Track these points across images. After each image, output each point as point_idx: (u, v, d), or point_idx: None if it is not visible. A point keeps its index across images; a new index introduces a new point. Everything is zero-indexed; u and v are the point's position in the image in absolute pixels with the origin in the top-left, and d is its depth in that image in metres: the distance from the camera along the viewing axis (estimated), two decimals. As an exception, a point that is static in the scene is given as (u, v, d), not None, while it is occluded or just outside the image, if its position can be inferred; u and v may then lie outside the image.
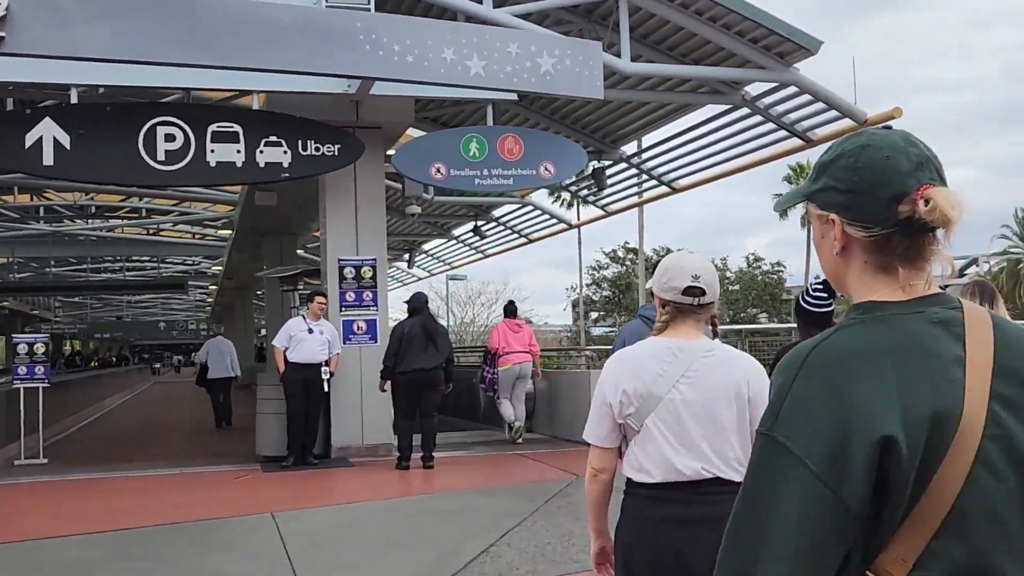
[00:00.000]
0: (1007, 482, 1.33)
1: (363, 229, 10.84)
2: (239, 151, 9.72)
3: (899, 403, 1.31)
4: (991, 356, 1.38)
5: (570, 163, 10.85)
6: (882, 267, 1.46)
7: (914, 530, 1.31)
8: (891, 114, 12.09)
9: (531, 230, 21.29)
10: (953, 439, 1.31)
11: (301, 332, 10.41)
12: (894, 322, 1.41)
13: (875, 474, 1.30)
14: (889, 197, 1.41)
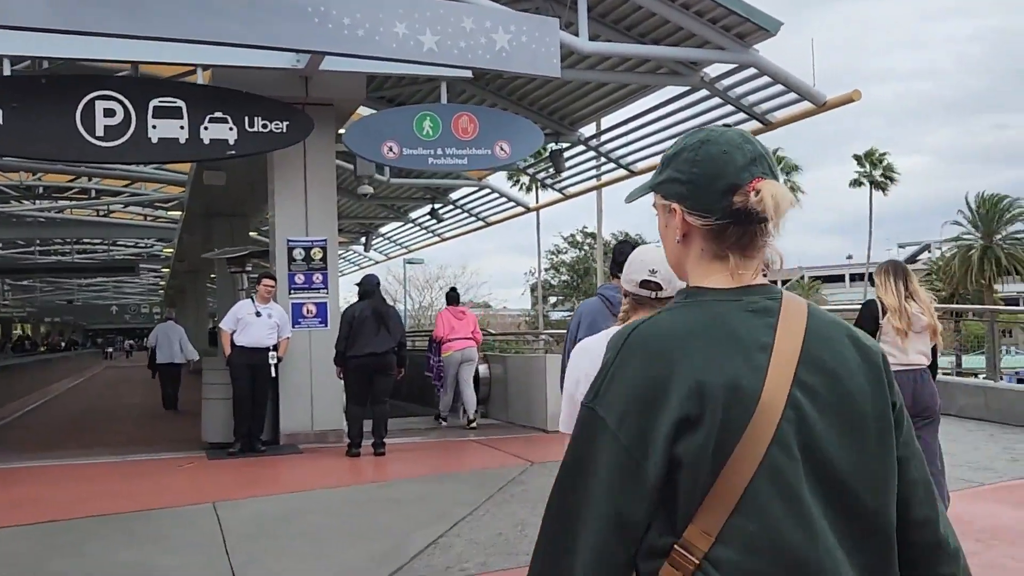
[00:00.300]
0: (799, 461, 1.42)
1: (313, 209, 10.52)
2: (182, 127, 9.35)
3: (700, 384, 1.40)
4: (799, 345, 1.47)
5: (526, 143, 10.60)
6: (717, 255, 1.55)
7: (715, 506, 1.40)
8: (850, 96, 11.99)
9: (489, 213, 21.06)
10: (751, 421, 1.40)
11: (249, 315, 10.10)
12: (711, 308, 1.50)
13: (676, 450, 1.39)
14: (724, 188, 1.51)
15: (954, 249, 53.13)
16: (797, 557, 1.40)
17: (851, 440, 1.48)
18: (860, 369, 1.52)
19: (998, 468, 8.10)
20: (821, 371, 1.48)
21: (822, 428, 1.46)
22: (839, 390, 1.49)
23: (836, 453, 1.46)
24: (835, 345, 1.52)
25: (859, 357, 1.54)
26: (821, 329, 1.52)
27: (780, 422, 1.42)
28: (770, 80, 12.00)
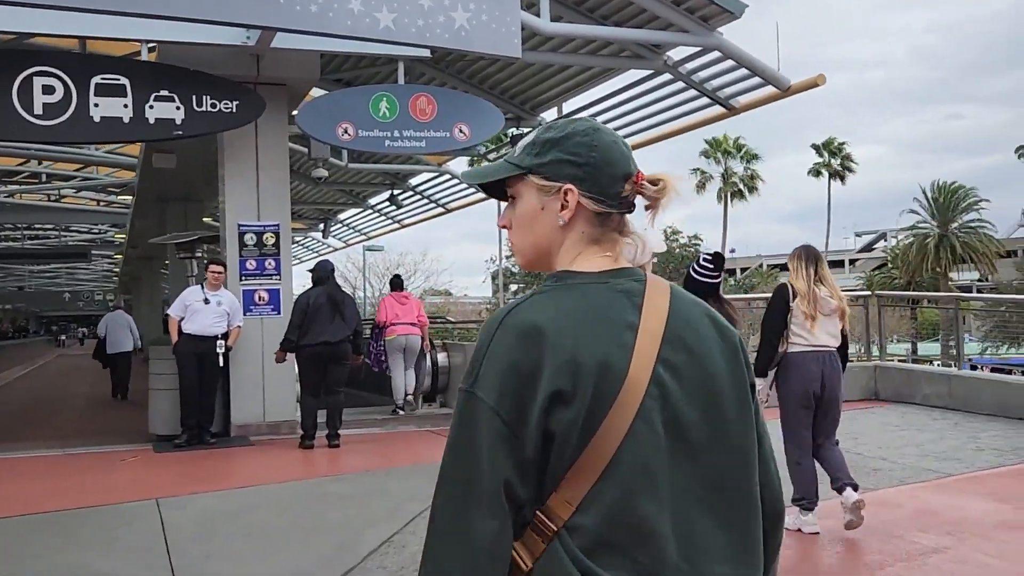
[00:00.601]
0: (660, 436, 1.50)
1: (265, 193, 10.14)
2: (126, 105, 8.95)
3: (572, 362, 1.46)
4: (663, 324, 1.54)
5: (487, 125, 10.30)
6: (594, 239, 1.62)
7: (580, 476, 1.46)
8: (814, 81, 11.83)
9: (449, 200, 20.76)
10: (618, 396, 1.46)
11: (197, 302, 9.73)
12: (582, 290, 1.56)
13: (549, 423, 1.45)
14: (620, 174, 1.59)
15: (911, 238, 53.60)
16: (650, 527, 1.48)
17: (713, 415, 1.56)
18: (719, 348, 1.60)
19: (964, 458, 7.98)
20: (684, 349, 1.55)
21: (684, 404, 1.53)
22: (700, 368, 1.56)
23: (698, 427, 1.54)
24: (696, 325, 1.60)
25: (718, 337, 1.62)
26: (683, 310, 1.60)
27: (644, 398, 1.49)
28: (734, 64, 11.80)
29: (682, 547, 1.50)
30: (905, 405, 11.07)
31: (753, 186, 56.96)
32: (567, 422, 1.46)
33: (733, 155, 56.89)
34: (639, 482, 1.48)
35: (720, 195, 57.63)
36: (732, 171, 57.16)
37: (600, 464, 1.46)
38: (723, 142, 56.56)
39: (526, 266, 1.71)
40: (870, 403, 11.37)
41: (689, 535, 1.51)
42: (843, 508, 5.64)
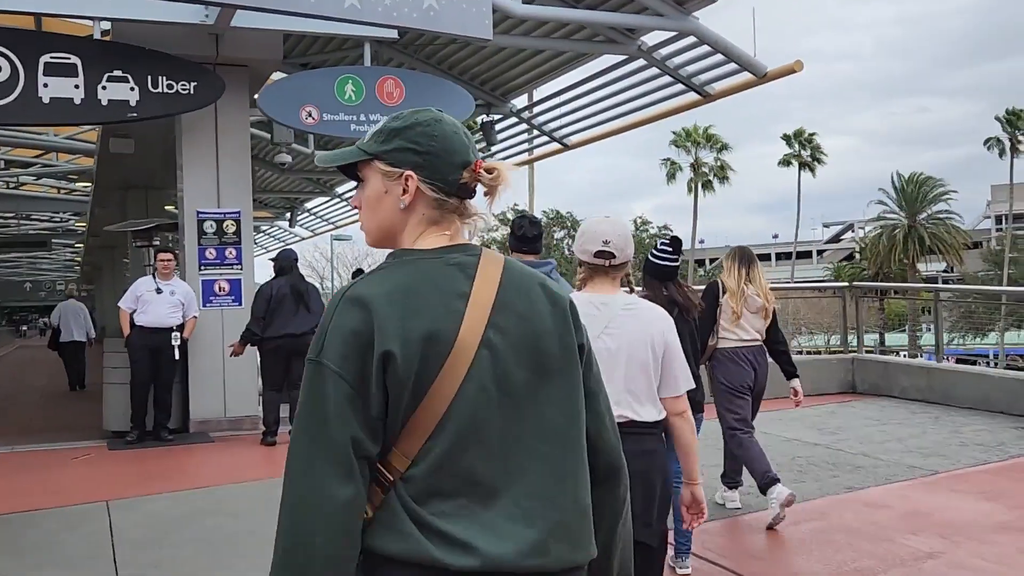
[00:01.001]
0: (490, 393, 1.68)
1: (225, 179, 9.72)
2: (77, 86, 8.51)
3: (403, 328, 1.63)
4: (494, 293, 1.72)
5: (456, 110, 9.88)
6: (434, 220, 1.78)
7: (414, 432, 1.64)
8: (791, 67, 11.56)
9: (417, 188, 20.35)
10: (446, 360, 1.64)
11: (149, 292, 9.32)
12: (417, 265, 1.73)
13: (386, 385, 1.63)
14: (459, 163, 1.76)
15: (878, 229, 53.83)
16: (477, 476, 1.65)
17: (540, 373, 1.72)
18: (548, 312, 1.77)
19: (949, 454, 7.74)
20: (514, 314, 1.72)
21: (513, 363, 1.70)
22: (529, 330, 1.73)
23: (527, 384, 1.71)
24: (527, 292, 1.77)
25: (548, 302, 1.78)
26: (515, 279, 1.77)
27: (474, 360, 1.66)
28: (710, 49, 11.51)
29: (513, 493, 1.67)
30: (884, 398, 10.85)
31: (724, 176, 56.86)
32: (398, 383, 1.62)
33: (703, 145, 56.75)
34: (468, 436, 1.64)
35: (690, 185, 57.51)
36: (702, 161, 57.03)
37: (432, 421, 1.63)
38: (693, 132, 56.40)
39: (373, 244, 1.83)
40: (847, 396, 11.15)
41: (521, 482, 1.68)
42: (774, 504, 5.65)
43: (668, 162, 57.42)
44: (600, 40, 12.15)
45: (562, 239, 53.63)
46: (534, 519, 1.67)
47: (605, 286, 3.26)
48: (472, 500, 1.64)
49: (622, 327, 3.17)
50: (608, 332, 3.15)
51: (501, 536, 1.63)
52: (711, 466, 6.26)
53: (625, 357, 3.14)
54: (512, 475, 1.67)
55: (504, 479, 1.67)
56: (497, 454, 1.67)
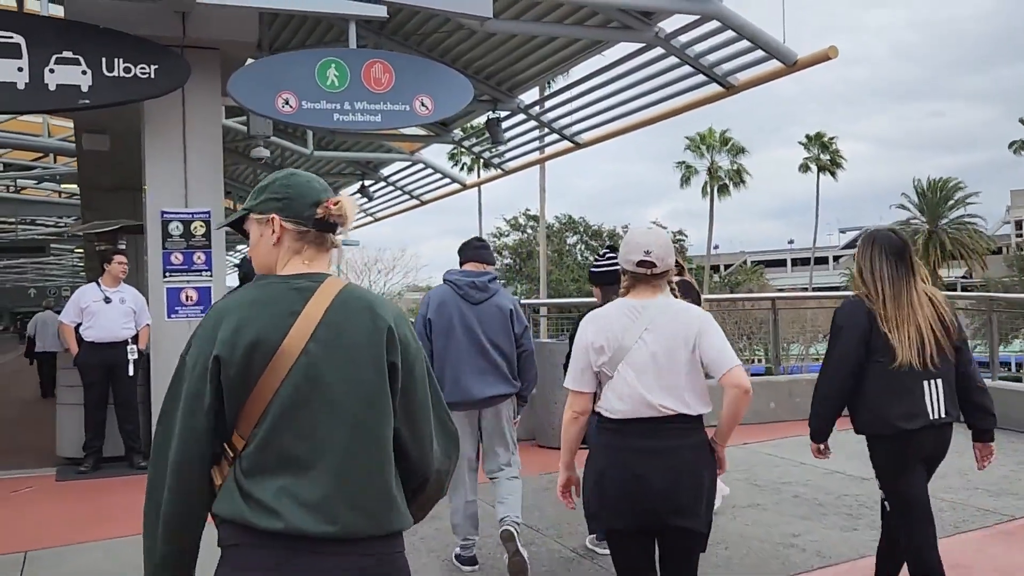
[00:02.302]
0: (303, 391, 2.15)
1: (194, 175, 8.66)
2: (21, 69, 7.50)
3: (233, 336, 2.14)
4: (322, 312, 2.21)
5: (453, 98, 8.84)
6: (296, 251, 2.32)
7: (246, 419, 2.14)
8: (826, 54, 10.48)
9: (423, 191, 19.42)
10: (270, 363, 2.14)
11: (95, 303, 8.35)
12: (265, 287, 2.27)
13: (220, 380, 2.14)
14: (311, 203, 2.32)
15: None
16: (292, 455, 2.13)
17: (351, 378, 2.20)
18: (367, 331, 2.24)
19: (1022, 492, 6.65)
20: (335, 330, 2.21)
21: (327, 368, 2.18)
22: (345, 344, 2.21)
23: (338, 386, 2.18)
24: (353, 314, 2.25)
25: (370, 323, 2.25)
26: (346, 302, 2.25)
27: (294, 365, 2.15)
28: (734, 36, 10.43)
29: (319, 472, 2.13)
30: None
31: (740, 180, 55.67)
32: (228, 380, 2.13)
33: (719, 149, 55.58)
34: (285, 424, 2.13)
35: (705, 190, 56.36)
36: (718, 165, 55.85)
37: (258, 410, 2.14)
38: (709, 136, 55.28)
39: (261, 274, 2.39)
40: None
41: (326, 464, 2.14)
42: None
43: (683, 166, 56.26)
44: (615, 26, 11.08)
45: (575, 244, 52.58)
46: (335, 494, 2.12)
47: (646, 293, 3.48)
48: (286, 475, 2.11)
49: (659, 328, 3.39)
50: (647, 333, 3.39)
51: (304, 506, 2.09)
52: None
53: (665, 355, 3.36)
54: (320, 458, 2.14)
55: (313, 459, 2.13)
56: (307, 439, 2.14)
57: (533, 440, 9.11)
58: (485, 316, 5.28)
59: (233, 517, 2.08)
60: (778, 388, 10.92)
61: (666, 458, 3.30)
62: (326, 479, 2.11)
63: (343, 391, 2.17)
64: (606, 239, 53.61)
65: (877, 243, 4.02)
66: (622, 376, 3.35)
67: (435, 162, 18.04)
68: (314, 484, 2.10)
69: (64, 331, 8.53)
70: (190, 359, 2.16)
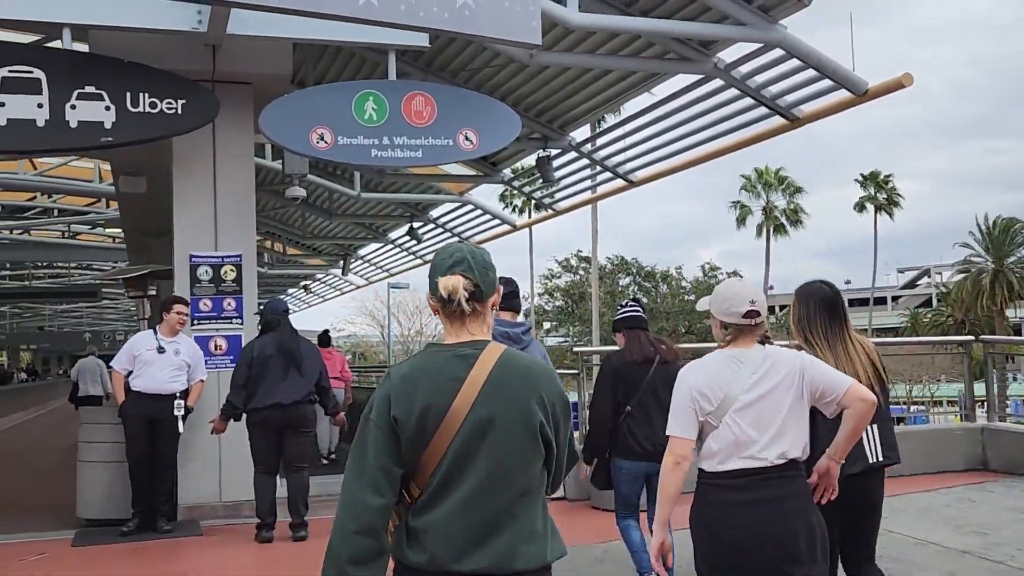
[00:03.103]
0: (472, 448, 2.47)
1: (225, 216, 8.18)
2: (40, 105, 7.08)
3: (409, 400, 2.49)
4: (485, 377, 2.51)
5: (499, 131, 8.25)
6: (448, 322, 2.64)
7: (422, 471, 2.48)
8: (899, 82, 9.72)
9: (472, 233, 18.90)
10: (441, 423, 2.47)
11: (148, 351, 7.78)
12: (434, 355, 2.60)
13: (400, 437, 2.49)
14: (433, 282, 2.62)
15: (962, 273, 51.15)
16: (448, 500, 2.46)
17: (510, 435, 2.50)
18: (522, 396, 2.53)
19: None
20: (496, 394, 2.50)
21: (490, 429, 2.48)
22: (505, 407, 2.51)
23: (499, 443, 2.48)
24: (512, 379, 2.54)
25: (525, 387, 2.55)
26: (507, 367, 2.55)
27: (462, 424, 2.47)
28: (799, 65, 9.76)
29: (473, 517, 2.46)
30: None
31: (797, 220, 54.50)
32: (405, 438, 2.48)
33: (774, 188, 54.54)
34: (452, 476, 2.47)
35: (759, 230, 55.27)
36: (774, 204, 54.78)
37: (432, 464, 2.47)
38: (764, 174, 54.32)
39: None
40: (978, 476, 9.14)
41: (481, 510, 2.46)
42: None
43: (738, 205, 55.26)
44: (671, 58, 10.47)
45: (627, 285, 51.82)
46: (477, 537, 2.45)
47: (747, 343, 3.51)
48: (439, 518, 2.46)
49: (766, 375, 3.42)
50: (756, 382, 3.40)
51: (450, 544, 2.44)
52: None
53: (772, 403, 3.38)
54: (472, 505, 2.46)
55: (466, 506, 2.46)
56: (467, 489, 2.47)
57: (587, 500, 8.39)
58: None
59: (397, 555, 2.49)
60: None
61: (778, 508, 3.30)
62: (479, 524, 2.45)
63: (502, 449, 2.49)
64: (659, 280, 52.91)
65: (811, 296, 4.20)
66: (729, 426, 3.35)
67: (485, 203, 17.54)
68: (461, 525, 2.44)
69: (113, 379, 8.04)
70: (374, 415, 2.52)
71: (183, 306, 7.94)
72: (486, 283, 2.59)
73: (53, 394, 40.50)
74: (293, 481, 7.31)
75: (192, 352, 7.86)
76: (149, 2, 7.15)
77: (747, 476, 3.30)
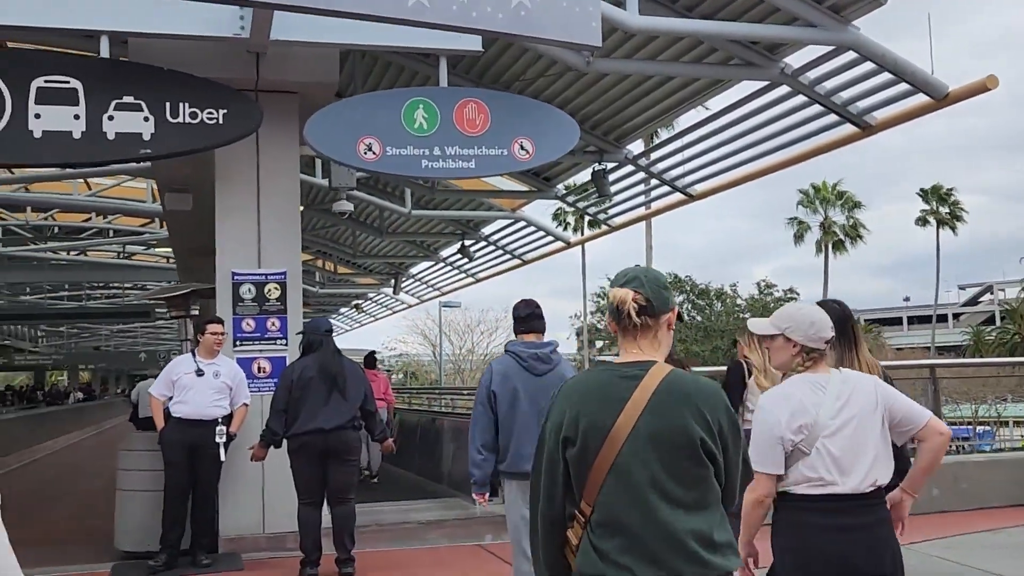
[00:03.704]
0: (635, 467, 2.57)
1: (268, 231, 7.80)
2: (77, 116, 6.72)
3: (575, 420, 2.63)
4: (648, 398, 2.61)
5: (557, 140, 7.76)
6: (622, 337, 2.78)
7: (591, 487, 2.60)
8: (983, 84, 9.10)
9: (525, 250, 18.47)
10: (604, 442, 2.58)
11: (187, 375, 7.42)
12: (599, 374, 2.78)
13: (566, 456, 2.65)
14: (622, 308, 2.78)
15: (1028, 289, 49.69)
16: (622, 518, 2.56)
17: (672, 453, 2.58)
18: (684, 414, 2.60)
19: None
20: (658, 414, 2.60)
21: (653, 446, 2.58)
22: (667, 426, 2.59)
23: (662, 461, 2.57)
24: (674, 398, 2.62)
25: (688, 408, 2.61)
26: (670, 388, 2.63)
27: (625, 443, 2.58)
28: (874, 68, 9.22)
29: (649, 533, 2.54)
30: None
31: (856, 235, 53.23)
32: (573, 457, 2.63)
33: (832, 203, 53.37)
34: (619, 494, 2.57)
35: (819, 246, 54.10)
36: (832, 220, 53.59)
37: (598, 482, 2.59)
38: (822, 189, 53.20)
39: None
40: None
41: (654, 525, 2.55)
42: None
43: (795, 221, 54.14)
44: (735, 64, 9.96)
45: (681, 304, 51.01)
46: (664, 550, 2.53)
47: (824, 368, 3.52)
48: (624, 536, 2.55)
49: (850, 400, 3.42)
50: (841, 408, 3.40)
51: (642, 561, 2.53)
52: None
53: (860, 427, 3.38)
54: (648, 521, 2.55)
55: (644, 522, 2.55)
56: (640, 506, 2.56)
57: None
58: (549, 388, 5.19)
59: (594, 574, 2.56)
60: (941, 471, 9.40)
61: (866, 534, 3.32)
62: (656, 540, 2.53)
63: (666, 467, 2.56)
64: (713, 298, 52.03)
65: None
66: (820, 452, 3.34)
67: (537, 220, 17.11)
68: (649, 543, 2.53)
69: (152, 405, 7.69)
70: (548, 428, 2.69)
71: (218, 325, 7.56)
72: (658, 299, 2.72)
73: (108, 414, 40.77)
74: (338, 514, 6.84)
75: (233, 374, 7.48)
76: (190, 8, 6.78)
77: (838, 501, 3.30)
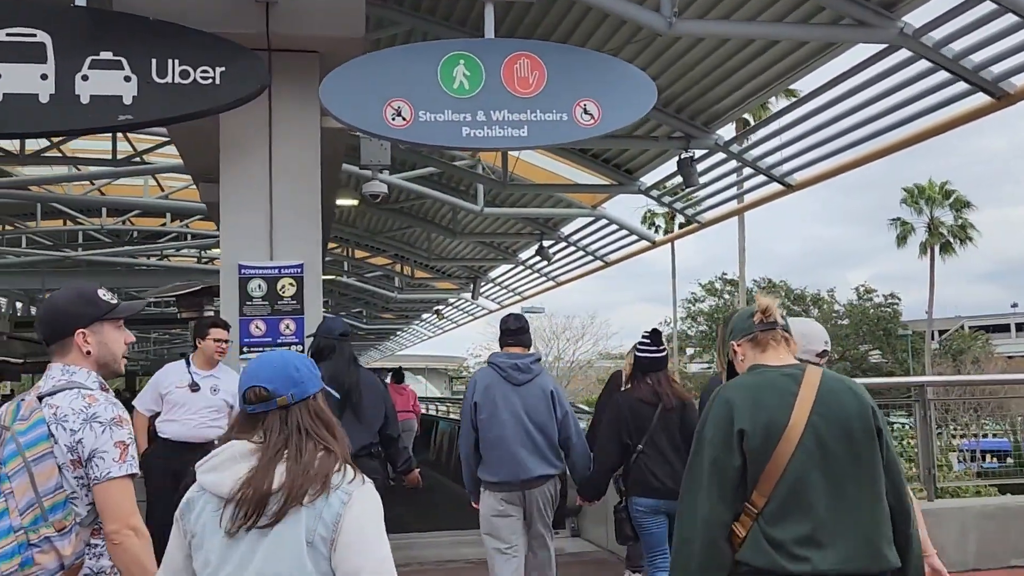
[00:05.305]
0: (813, 457, 2.81)
1: (282, 217, 6.49)
2: (45, 76, 5.59)
3: (752, 415, 2.84)
4: (814, 393, 2.87)
5: (629, 102, 6.24)
6: (760, 350, 3.10)
7: (766, 480, 2.79)
8: None
9: (608, 251, 17.20)
10: (781, 436, 2.80)
11: (179, 389, 6.25)
12: (762, 375, 3.01)
13: (743, 449, 2.83)
14: (749, 315, 3.19)
15: None
16: (803, 508, 2.76)
17: (849, 444, 2.84)
18: (853, 405, 2.89)
19: None
20: (828, 407, 2.86)
21: (829, 438, 2.82)
22: (838, 418, 2.85)
23: (840, 451, 2.82)
24: (838, 393, 2.90)
25: (854, 399, 2.91)
26: (830, 383, 2.92)
27: (801, 437, 2.80)
28: (1017, 21, 7.60)
29: (830, 522, 2.76)
30: None
31: (966, 237, 50.13)
32: (751, 450, 2.81)
33: (939, 203, 50.43)
34: (799, 483, 2.78)
35: (923, 248, 51.17)
36: (940, 221, 50.62)
37: (776, 473, 2.78)
38: (928, 188, 50.30)
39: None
40: None
41: (836, 515, 2.77)
42: None
43: (898, 222, 51.28)
44: (847, 23, 8.42)
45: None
46: (843, 540, 2.75)
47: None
48: (804, 526, 2.74)
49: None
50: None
51: (823, 550, 2.72)
52: None
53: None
54: (830, 510, 2.76)
55: (825, 512, 2.76)
56: (820, 496, 2.77)
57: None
58: (528, 397, 5.42)
59: (767, 566, 2.75)
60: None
61: None
62: (837, 527, 2.77)
63: (843, 454, 2.83)
64: (809, 304, 49.83)
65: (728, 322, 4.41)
66: None
67: (620, 218, 15.75)
68: (829, 531, 2.76)
69: (135, 422, 6.52)
70: (710, 433, 2.91)
71: (222, 331, 6.37)
72: (783, 319, 3.16)
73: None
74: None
75: (235, 390, 6.24)
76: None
77: None
